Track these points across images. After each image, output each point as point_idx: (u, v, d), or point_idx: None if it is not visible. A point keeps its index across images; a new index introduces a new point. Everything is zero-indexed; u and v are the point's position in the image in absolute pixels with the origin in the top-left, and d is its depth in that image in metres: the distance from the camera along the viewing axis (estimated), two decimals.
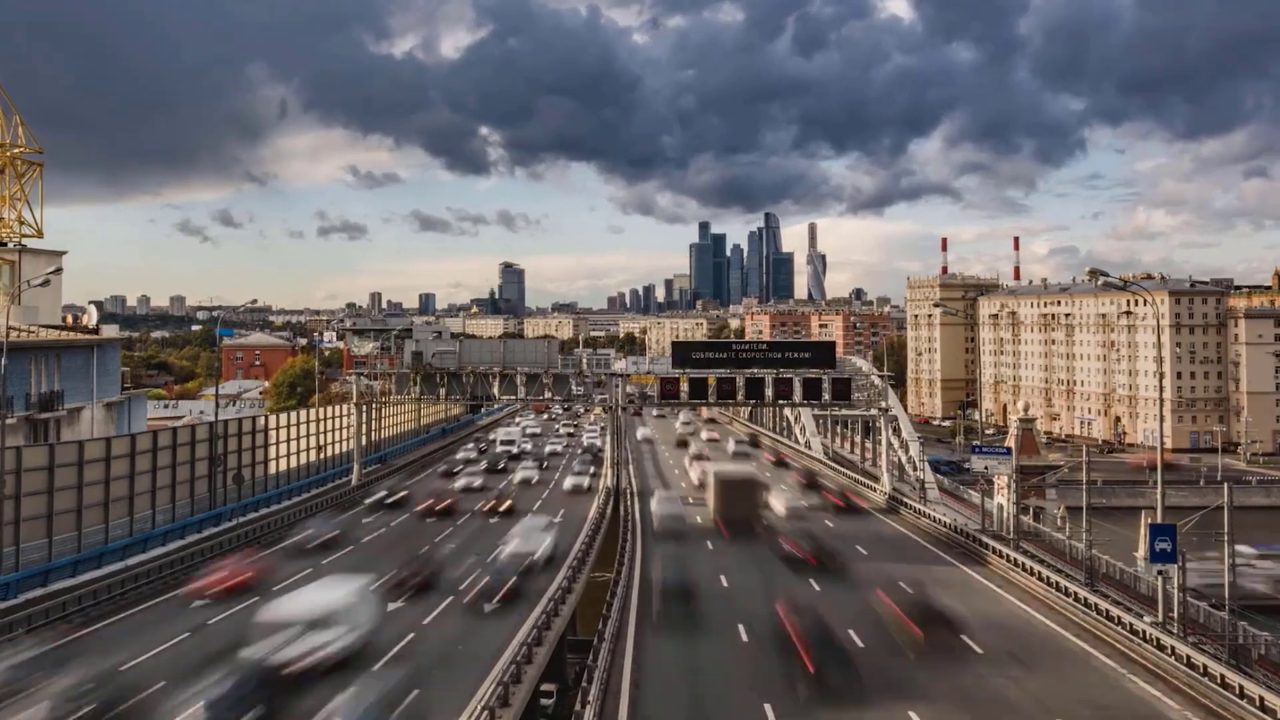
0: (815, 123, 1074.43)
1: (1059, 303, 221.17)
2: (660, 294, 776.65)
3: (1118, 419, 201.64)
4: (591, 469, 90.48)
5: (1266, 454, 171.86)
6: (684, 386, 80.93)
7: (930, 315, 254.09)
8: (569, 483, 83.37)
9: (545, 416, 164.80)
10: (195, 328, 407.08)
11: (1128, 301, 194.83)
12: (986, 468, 70.25)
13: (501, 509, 69.42)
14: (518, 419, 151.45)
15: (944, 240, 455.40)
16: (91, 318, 77.68)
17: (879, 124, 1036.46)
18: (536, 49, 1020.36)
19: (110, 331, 78.84)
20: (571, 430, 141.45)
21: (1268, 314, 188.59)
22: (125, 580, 45.64)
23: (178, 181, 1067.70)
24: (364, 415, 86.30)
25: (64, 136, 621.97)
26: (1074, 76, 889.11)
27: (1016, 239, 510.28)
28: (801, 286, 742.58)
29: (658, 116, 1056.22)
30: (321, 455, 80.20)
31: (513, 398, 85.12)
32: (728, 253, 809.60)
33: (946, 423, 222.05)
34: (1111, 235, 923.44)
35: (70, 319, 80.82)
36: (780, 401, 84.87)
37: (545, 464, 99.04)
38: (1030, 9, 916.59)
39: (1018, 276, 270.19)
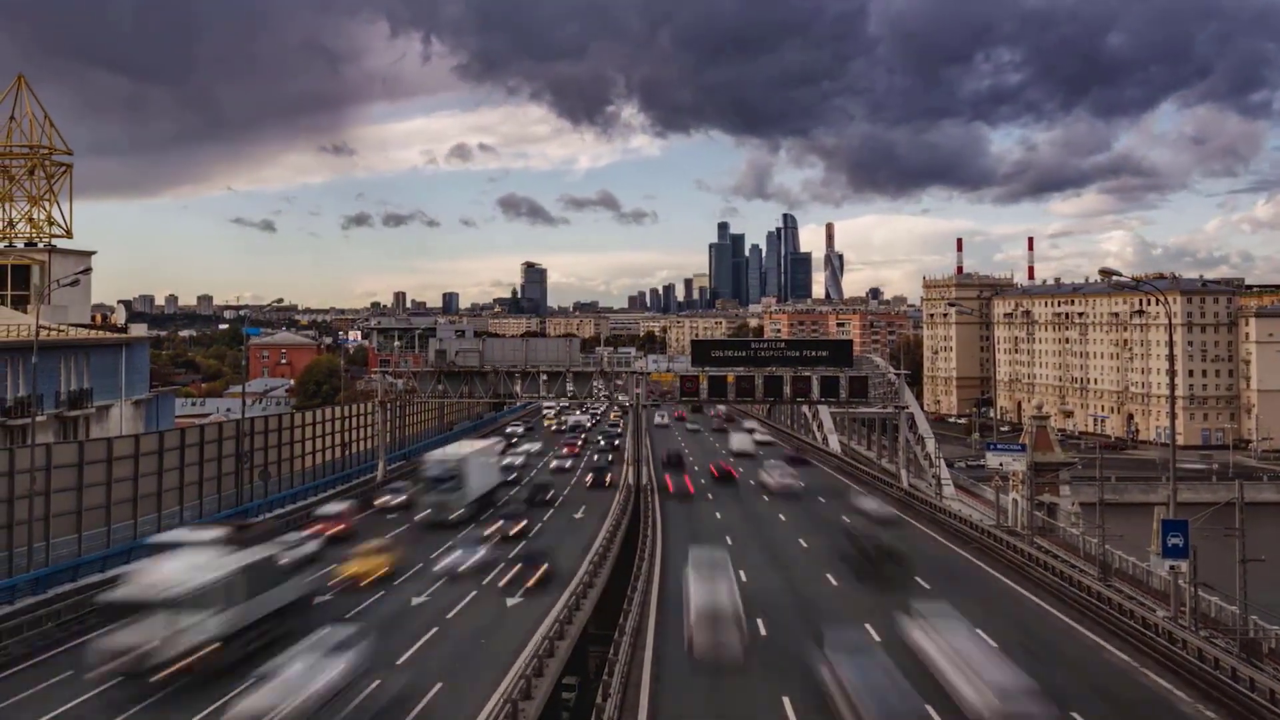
0: (1027, 72, 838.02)
1: (1072, 302, 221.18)
2: (680, 293, 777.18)
3: (1130, 416, 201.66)
4: None
5: (1277, 450, 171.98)
6: (703, 384, 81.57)
7: (946, 314, 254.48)
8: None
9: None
10: (222, 326, 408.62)
11: (1140, 301, 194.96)
12: (1001, 464, 70.97)
13: None
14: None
15: (959, 240, 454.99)
16: (120, 317, 78.97)
17: (1109, 76, 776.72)
18: None
19: (138, 330, 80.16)
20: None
21: (1278, 313, 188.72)
22: None
23: (232, 166, 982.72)
24: (388, 413, 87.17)
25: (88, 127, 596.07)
26: None
27: (1030, 239, 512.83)
28: (820, 286, 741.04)
29: (831, 71, 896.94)
30: (347, 452, 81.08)
31: (535, 395, 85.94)
32: (746, 253, 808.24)
33: (962, 420, 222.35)
34: (1229, 227, 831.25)
35: (99, 318, 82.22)
36: (798, 399, 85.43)
37: None
38: None
39: (1031, 276, 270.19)
